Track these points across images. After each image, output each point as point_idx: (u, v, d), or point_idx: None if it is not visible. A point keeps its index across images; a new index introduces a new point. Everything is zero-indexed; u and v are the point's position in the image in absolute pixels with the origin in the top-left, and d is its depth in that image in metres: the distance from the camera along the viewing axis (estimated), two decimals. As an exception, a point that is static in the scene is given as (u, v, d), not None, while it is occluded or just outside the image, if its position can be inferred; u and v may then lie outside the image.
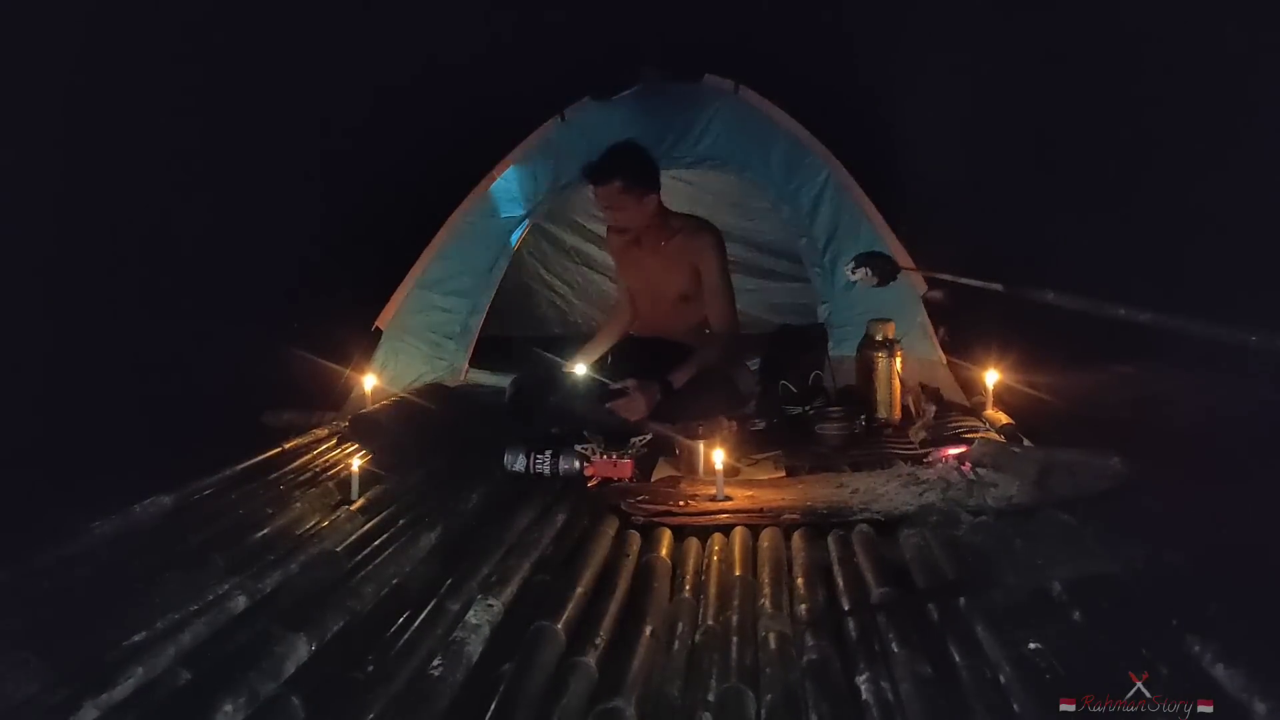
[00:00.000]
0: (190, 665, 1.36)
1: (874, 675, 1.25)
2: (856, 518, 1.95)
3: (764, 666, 1.31)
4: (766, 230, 4.80)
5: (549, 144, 3.74)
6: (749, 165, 3.82)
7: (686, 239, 3.06)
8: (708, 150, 3.84)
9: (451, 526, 1.96)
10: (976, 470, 2.13)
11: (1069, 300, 1.79)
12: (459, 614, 1.49)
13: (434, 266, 3.67)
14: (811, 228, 3.70)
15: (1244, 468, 1.91)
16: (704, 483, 2.26)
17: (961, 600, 1.47)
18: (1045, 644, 1.27)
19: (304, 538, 1.92)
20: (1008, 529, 1.77)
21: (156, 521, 2.08)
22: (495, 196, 3.77)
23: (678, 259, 3.07)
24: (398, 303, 3.56)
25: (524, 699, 1.21)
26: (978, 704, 1.19)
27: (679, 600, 1.57)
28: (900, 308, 3.27)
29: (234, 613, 1.54)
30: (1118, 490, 1.92)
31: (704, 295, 3.09)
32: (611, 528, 1.96)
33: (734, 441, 2.60)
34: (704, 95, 3.71)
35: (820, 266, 3.70)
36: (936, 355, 3.36)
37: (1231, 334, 1.39)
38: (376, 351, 3.48)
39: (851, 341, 3.21)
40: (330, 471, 2.51)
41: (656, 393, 2.78)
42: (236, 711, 1.19)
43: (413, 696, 1.24)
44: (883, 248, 3.22)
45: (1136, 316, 1.58)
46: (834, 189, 3.59)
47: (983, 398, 2.97)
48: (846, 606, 1.52)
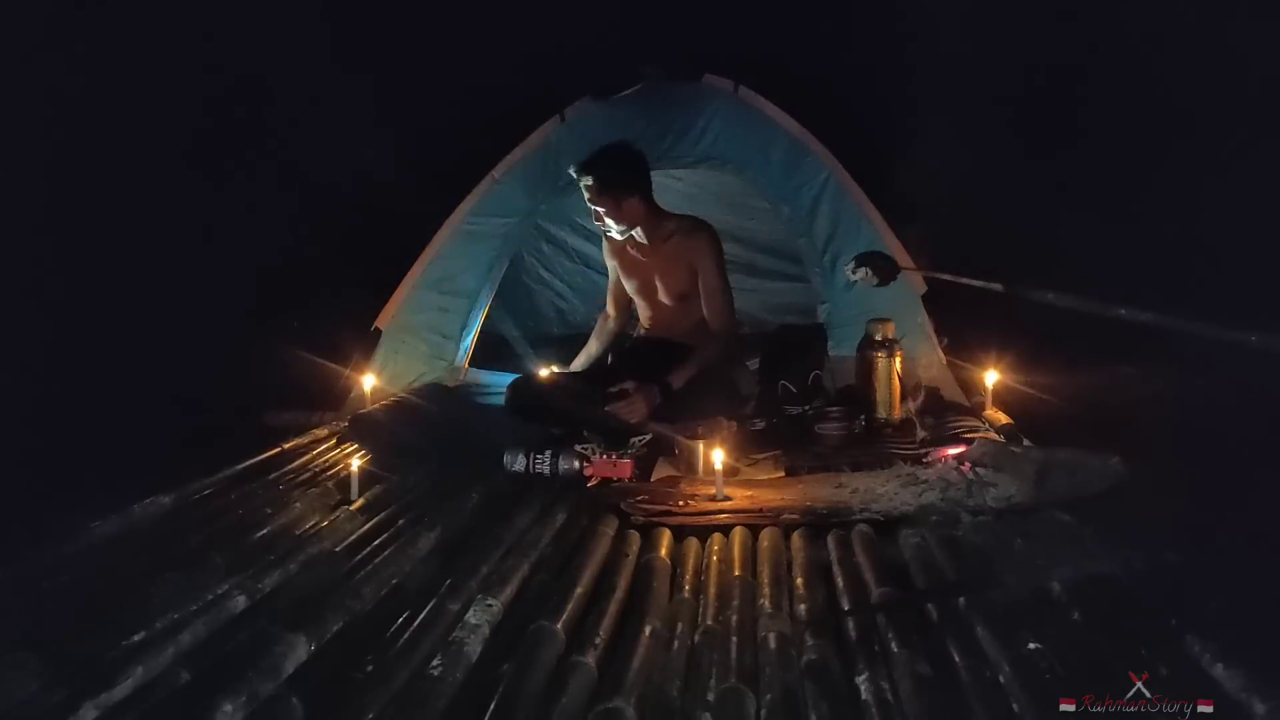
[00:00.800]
0: (190, 665, 1.36)
1: (873, 675, 1.25)
2: (856, 518, 1.95)
3: (763, 666, 1.31)
4: (766, 230, 4.80)
5: (549, 144, 3.74)
6: (749, 165, 3.81)
7: (683, 239, 3.07)
8: (707, 150, 3.84)
9: (451, 526, 1.96)
10: (976, 470, 2.13)
11: (1069, 300, 1.80)
12: (458, 614, 1.49)
13: (434, 266, 3.66)
14: (811, 228, 3.70)
15: (1244, 468, 1.91)
16: (703, 483, 2.26)
17: (961, 600, 1.47)
18: (1045, 644, 1.27)
19: (304, 538, 1.92)
20: (1007, 529, 1.77)
21: (156, 522, 2.08)
22: (495, 196, 3.77)
23: (675, 259, 3.07)
24: (398, 302, 3.56)
25: (523, 699, 1.21)
26: (977, 704, 1.19)
27: (678, 600, 1.57)
28: (900, 308, 3.27)
29: (233, 613, 1.55)
30: (1118, 490, 1.92)
31: (702, 295, 3.09)
32: (611, 528, 1.96)
33: (734, 441, 2.60)
34: (704, 95, 3.70)
35: (820, 266, 3.70)
36: (936, 355, 3.36)
37: (1231, 334, 1.39)
38: (376, 351, 3.48)
39: (851, 341, 3.21)
40: (330, 471, 2.51)
41: (656, 394, 2.78)
42: (236, 711, 1.18)
43: (412, 696, 1.24)
44: (882, 247, 3.22)
45: (1137, 316, 1.59)
46: (834, 189, 3.58)
47: (982, 398, 2.97)
48: (846, 606, 1.52)
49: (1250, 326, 1.38)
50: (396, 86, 4.67)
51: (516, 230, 3.88)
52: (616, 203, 2.98)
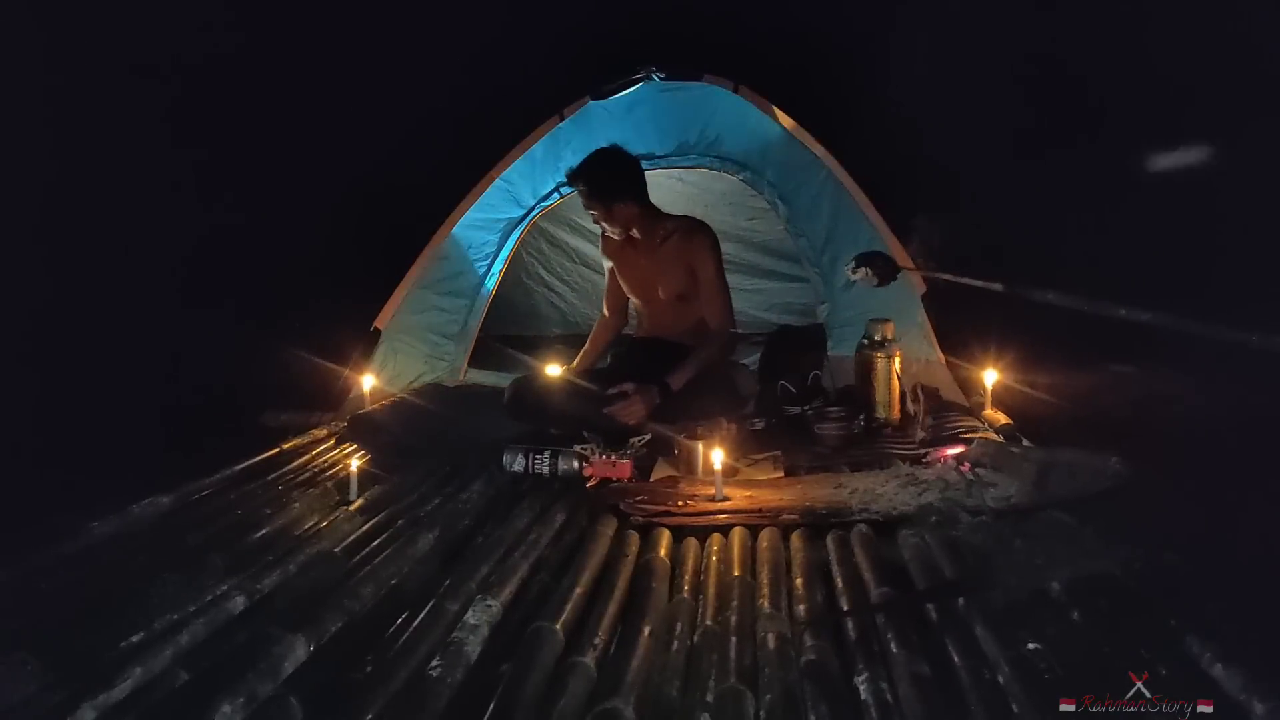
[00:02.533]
0: (189, 666, 1.36)
1: (873, 675, 1.25)
2: (855, 518, 1.95)
3: (763, 667, 1.31)
4: (766, 230, 4.81)
5: (549, 144, 3.74)
6: (748, 165, 3.82)
7: (681, 240, 3.06)
8: (707, 150, 3.85)
9: (450, 527, 1.96)
10: (975, 470, 2.13)
11: (1069, 300, 1.79)
12: (458, 614, 1.49)
13: (434, 266, 3.66)
14: (811, 228, 3.70)
15: (1244, 468, 1.90)
16: (703, 483, 2.26)
17: (960, 600, 1.46)
18: (1045, 644, 1.27)
19: (303, 538, 1.92)
20: (1007, 529, 1.76)
21: (155, 522, 2.08)
22: (495, 196, 3.77)
23: (673, 260, 3.07)
24: (397, 303, 3.56)
25: (523, 699, 1.21)
26: (977, 704, 1.19)
27: (678, 600, 1.57)
28: (900, 308, 3.27)
29: (232, 613, 1.55)
30: (1118, 490, 1.92)
31: (701, 295, 3.09)
32: (610, 528, 1.96)
33: (733, 441, 2.60)
34: (704, 95, 3.71)
35: (819, 266, 3.70)
36: (936, 355, 3.36)
37: (1231, 334, 1.39)
38: (375, 351, 3.48)
39: (851, 341, 3.21)
40: (329, 472, 2.51)
41: (655, 395, 2.78)
42: (235, 712, 1.18)
43: (411, 697, 1.24)
44: (882, 247, 3.22)
45: (1137, 316, 1.58)
46: (833, 188, 3.59)
47: (982, 398, 2.97)
48: (845, 607, 1.52)
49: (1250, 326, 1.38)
50: (397, 86, 4.67)
51: (516, 230, 3.88)
52: (608, 207, 2.98)
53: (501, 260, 3.89)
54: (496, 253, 3.89)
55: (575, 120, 3.69)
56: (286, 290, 4.15)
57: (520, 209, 3.85)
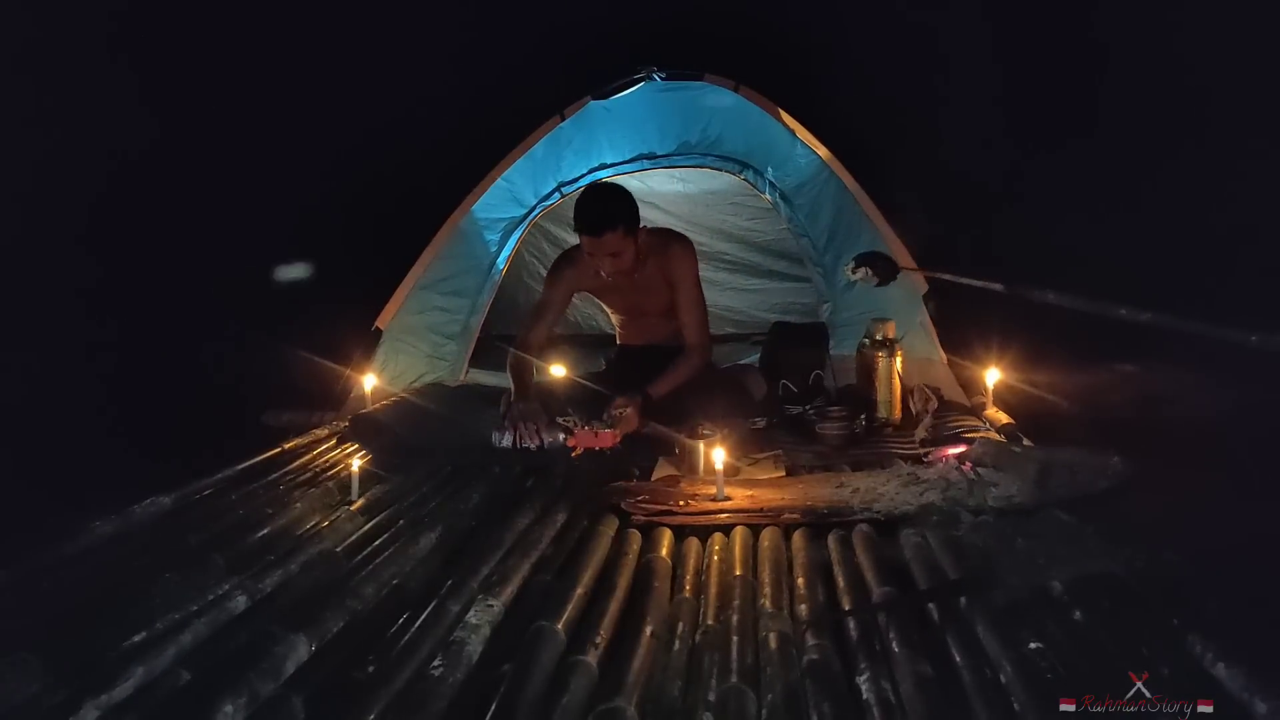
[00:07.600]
0: (190, 665, 1.36)
1: (875, 675, 1.25)
2: (857, 517, 1.95)
3: (764, 666, 1.31)
4: (766, 230, 4.81)
5: (550, 143, 3.74)
6: (749, 164, 3.82)
7: (660, 257, 2.99)
8: (708, 150, 3.84)
9: (451, 526, 1.96)
10: (977, 470, 2.13)
11: (1069, 300, 1.80)
12: (459, 614, 1.49)
13: (434, 266, 3.66)
14: (811, 227, 3.70)
15: (1244, 468, 1.90)
16: (704, 482, 2.26)
17: (962, 600, 1.47)
18: (1046, 644, 1.27)
19: (304, 538, 1.92)
20: (1008, 529, 1.76)
21: (156, 522, 2.08)
22: (496, 196, 3.77)
23: (655, 277, 3.02)
24: (398, 303, 3.56)
25: (524, 699, 1.21)
26: (978, 704, 1.19)
27: (679, 600, 1.57)
28: (900, 307, 3.27)
29: (234, 613, 1.55)
30: (1118, 490, 1.92)
31: (679, 308, 3.02)
32: (611, 527, 1.96)
33: (734, 441, 2.60)
34: (704, 95, 3.70)
35: (821, 266, 3.70)
36: (937, 355, 3.36)
37: (1232, 334, 1.39)
38: (376, 351, 3.48)
39: (852, 341, 3.21)
40: (330, 471, 2.51)
41: (640, 405, 2.76)
42: (236, 712, 1.18)
43: (413, 697, 1.24)
44: (883, 247, 3.22)
45: (1137, 316, 1.58)
46: (834, 188, 3.59)
47: (983, 397, 2.97)
48: (847, 606, 1.52)
49: (1250, 326, 1.38)
50: (398, 86, 4.67)
51: (517, 230, 3.88)
52: (634, 239, 2.91)
53: (503, 260, 3.88)
54: (498, 253, 3.89)
55: (576, 120, 3.68)
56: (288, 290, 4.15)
57: (521, 209, 3.85)
